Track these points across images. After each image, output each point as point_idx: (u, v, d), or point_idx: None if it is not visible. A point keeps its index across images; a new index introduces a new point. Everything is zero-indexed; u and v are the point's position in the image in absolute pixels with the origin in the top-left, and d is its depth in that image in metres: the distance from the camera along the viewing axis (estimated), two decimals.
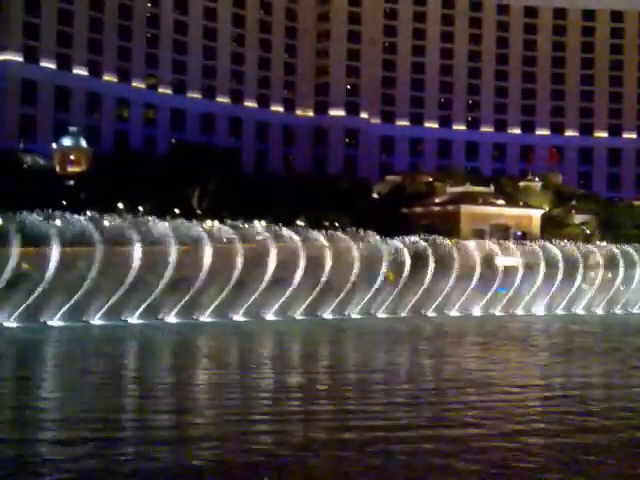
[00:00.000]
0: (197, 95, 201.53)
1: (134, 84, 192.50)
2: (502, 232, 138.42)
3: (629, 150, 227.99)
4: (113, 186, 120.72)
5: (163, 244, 64.78)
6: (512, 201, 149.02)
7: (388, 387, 30.78)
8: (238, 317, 66.15)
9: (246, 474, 17.71)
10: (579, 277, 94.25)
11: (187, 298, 63.31)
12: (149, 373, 34.42)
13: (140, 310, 61.05)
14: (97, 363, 37.58)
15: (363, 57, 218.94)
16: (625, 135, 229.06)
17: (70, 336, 50.38)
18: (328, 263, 72.95)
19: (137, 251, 61.71)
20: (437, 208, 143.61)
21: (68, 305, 57.59)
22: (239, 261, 66.85)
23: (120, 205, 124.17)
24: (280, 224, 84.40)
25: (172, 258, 63.02)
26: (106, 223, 65.09)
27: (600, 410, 25.78)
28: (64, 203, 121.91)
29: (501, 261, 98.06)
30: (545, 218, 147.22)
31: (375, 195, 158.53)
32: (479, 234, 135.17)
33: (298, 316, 69.38)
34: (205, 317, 64.56)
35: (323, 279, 71.97)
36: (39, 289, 56.05)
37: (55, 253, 57.65)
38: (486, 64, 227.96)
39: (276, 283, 69.07)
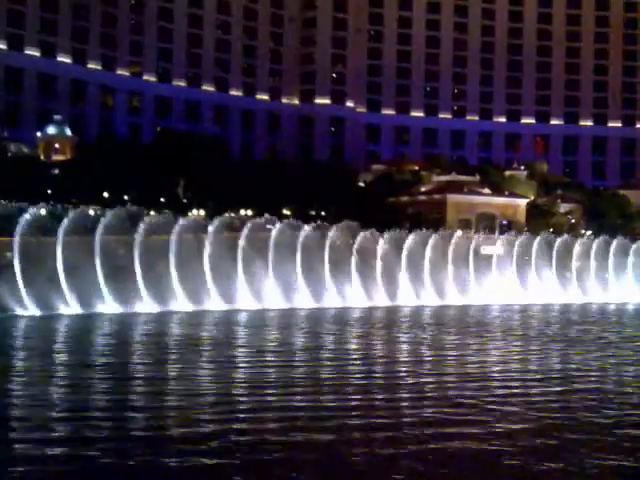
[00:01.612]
0: (182, 83, 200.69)
1: (119, 72, 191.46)
2: (488, 221, 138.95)
3: (614, 139, 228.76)
4: (98, 175, 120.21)
5: None
6: (498, 190, 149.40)
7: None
8: None
9: None
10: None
11: None
12: None
13: None
14: None
15: (349, 45, 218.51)
16: (610, 124, 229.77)
17: None
18: None
19: None
20: (423, 197, 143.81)
21: None
22: None
23: (105, 194, 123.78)
24: (266, 214, 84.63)
25: None
26: None
27: None
28: (49, 192, 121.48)
29: (486, 250, 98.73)
30: (530, 207, 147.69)
31: (361, 184, 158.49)
32: (465, 223, 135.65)
33: None
34: None
35: None
36: None
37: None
38: (472, 52, 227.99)
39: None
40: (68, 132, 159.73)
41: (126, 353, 37.60)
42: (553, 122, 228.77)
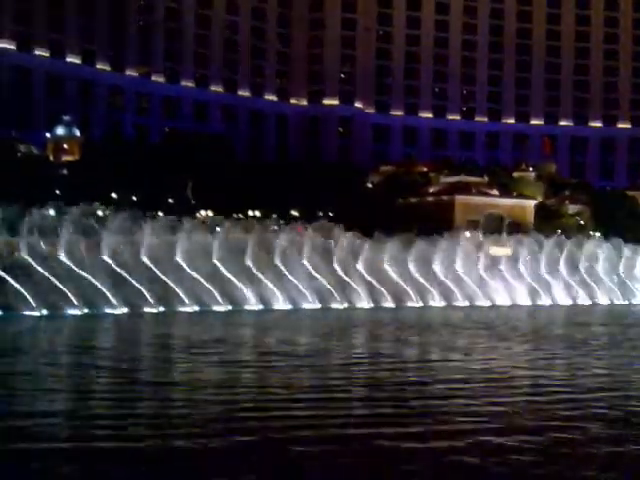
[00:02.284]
0: (190, 84, 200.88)
1: (127, 72, 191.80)
2: (496, 222, 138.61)
3: (623, 139, 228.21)
4: (107, 175, 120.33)
5: None
6: (506, 191, 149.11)
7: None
8: None
9: None
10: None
11: None
12: None
13: None
14: None
15: (357, 46, 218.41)
16: (619, 125, 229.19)
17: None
18: None
19: None
20: (431, 198, 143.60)
21: None
22: None
23: (114, 195, 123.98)
24: (274, 215, 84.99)
25: None
26: None
27: None
28: (58, 192, 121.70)
29: (493, 251, 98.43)
30: (539, 208, 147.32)
31: (369, 185, 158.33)
32: (473, 224, 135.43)
33: None
34: None
35: None
36: None
37: None
38: (480, 53, 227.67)
39: None
40: (77, 133, 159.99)
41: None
42: (562, 123, 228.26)
